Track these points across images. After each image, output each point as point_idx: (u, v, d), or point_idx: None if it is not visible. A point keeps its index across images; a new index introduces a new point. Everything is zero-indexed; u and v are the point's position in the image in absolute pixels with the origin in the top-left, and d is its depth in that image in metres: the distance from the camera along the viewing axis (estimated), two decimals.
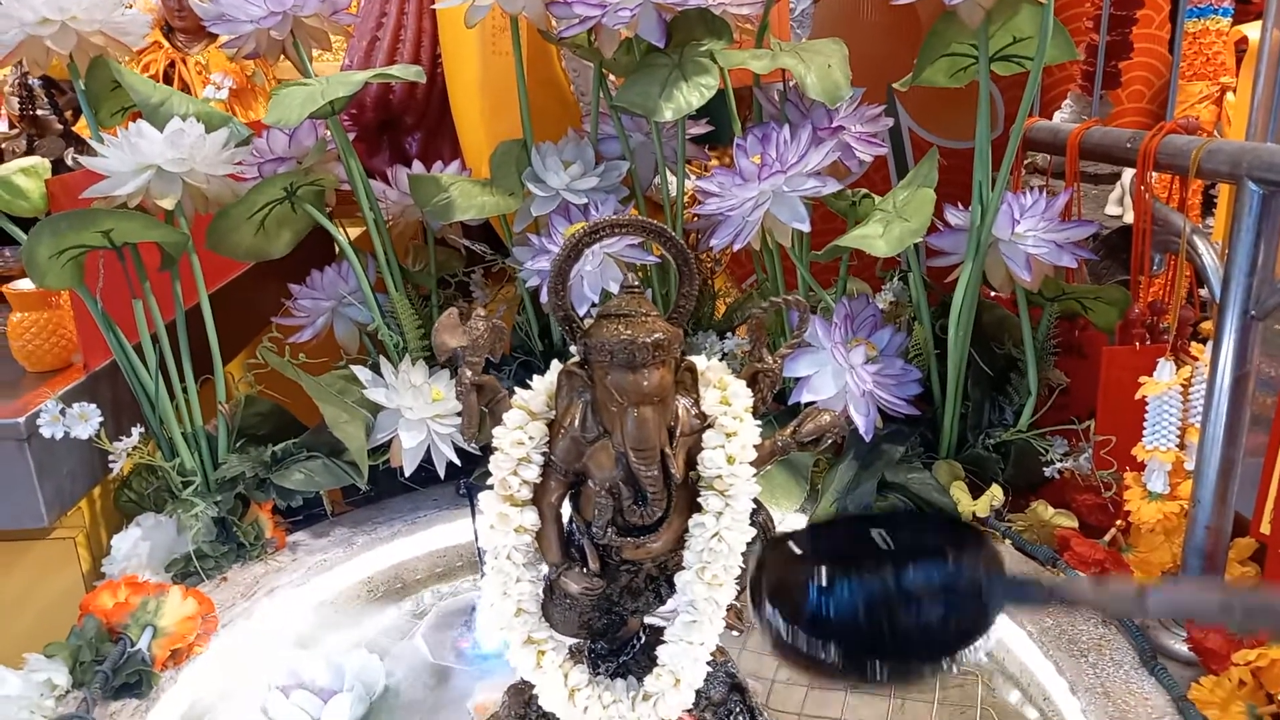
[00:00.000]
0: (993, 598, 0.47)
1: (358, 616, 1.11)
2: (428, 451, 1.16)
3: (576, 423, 0.70)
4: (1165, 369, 0.98)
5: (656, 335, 0.66)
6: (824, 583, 0.49)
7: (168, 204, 1.02)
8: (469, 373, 0.73)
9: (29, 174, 1.01)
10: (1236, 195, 0.87)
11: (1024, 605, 0.48)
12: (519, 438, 0.70)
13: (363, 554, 1.15)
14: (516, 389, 0.72)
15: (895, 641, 0.48)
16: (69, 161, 1.92)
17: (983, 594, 0.47)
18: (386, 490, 1.25)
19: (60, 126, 1.99)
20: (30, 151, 1.93)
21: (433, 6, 1.40)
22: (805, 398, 1.08)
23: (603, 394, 0.68)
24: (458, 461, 1.16)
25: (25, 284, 1.15)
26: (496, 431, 0.71)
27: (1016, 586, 0.48)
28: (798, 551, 0.52)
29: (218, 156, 1.05)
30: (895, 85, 1.10)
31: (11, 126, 2.02)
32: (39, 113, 1.98)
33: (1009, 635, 0.97)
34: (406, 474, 1.16)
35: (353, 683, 0.95)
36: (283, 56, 1.15)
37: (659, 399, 0.67)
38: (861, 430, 1.07)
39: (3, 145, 1.95)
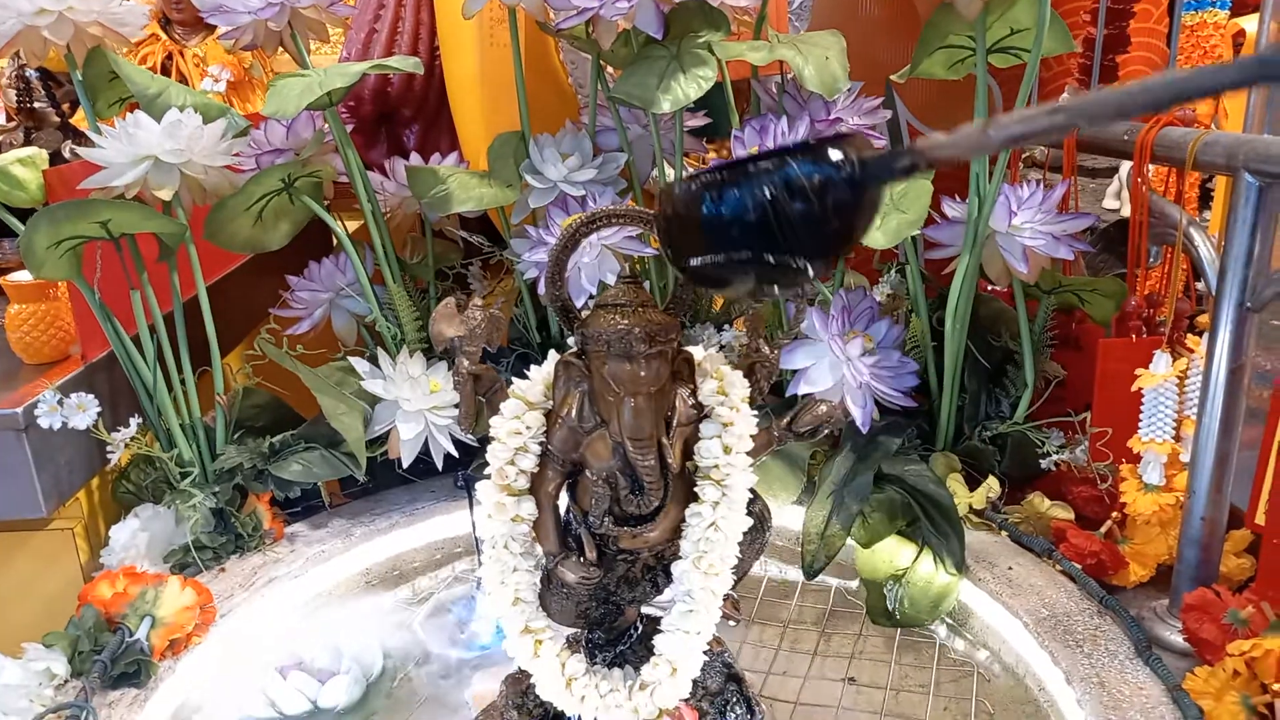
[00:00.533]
0: (866, 177, 0.48)
1: (356, 607, 1.11)
2: (425, 443, 1.16)
3: (574, 413, 0.70)
4: (1161, 361, 0.99)
5: (653, 326, 0.66)
6: (715, 194, 0.50)
7: (165, 195, 1.02)
8: (466, 362, 0.73)
9: (26, 164, 1.01)
10: (1233, 187, 0.87)
11: (894, 175, 0.49)
12: (516, 427, 0.71)
13: (361, 545, 1.15)
14: (514, 379, 0.73)
15: (787, 237, 0.49)
16: (66, 153, 1.92)
17: (856, 175, 0.48)
18: (384, 482, 1.26)
19: (57, 119, 1.99)
20: (27, 144, 1.93)
21: None
22: (802, 389, 1.08)
23: (600, 384, 0.68)
24: (455, 453, 1.16)
25: (23, 276, 1.15)
26: (494, 421, 0.72)
27: (882, 160, 0.49)
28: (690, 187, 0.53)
29: (215, 147, 1.05)
30: (893, 77, 1.10)
31: (8, 119, 2.01)
32: (36, 105, 1.98)
33: (1005, 627, 0.97)
34: (404, 465, 1.16)
35: (350, 665, 0.95)
36: (280, 49, 1.15)
37: (655, 389, 0.68)
38: (859, 422, 1.07)
39: (0, 138, 1.95)
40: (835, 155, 0.48)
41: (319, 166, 1.16)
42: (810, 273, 0.52)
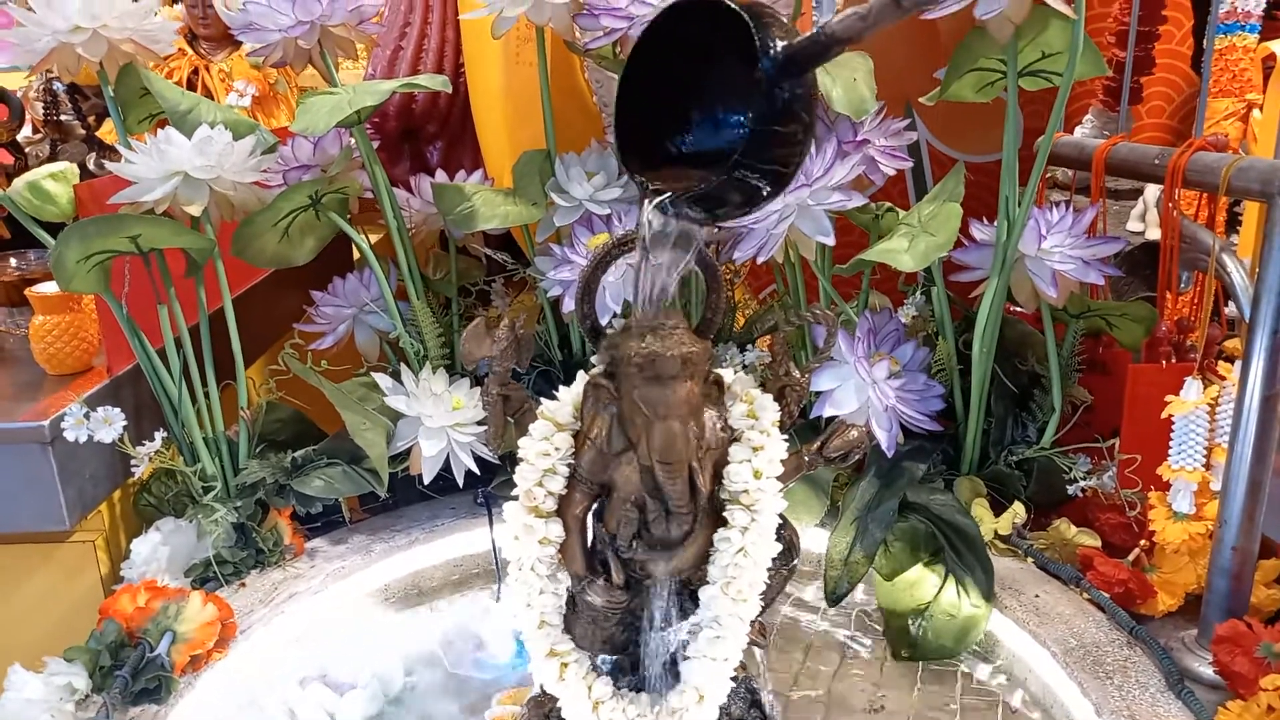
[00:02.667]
0: (791, 80, 0.50)
1: (375, 624, 1.10)
2: (446, 460, 1.16)
3: (603, 435, 0.69)
4: (1193, 387, 0.97)
5: (684, 349, 0.66)
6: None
7: (195, 210, 1.02)
8: (495, 382, 0.73)
9: (58, 179, 1.02)
10: (1267, 213, 0.86)
11: (815, 65, 0.49)
12: (545, 449, 0.70)
13: (381, 561, 1.15)
14: (543, 400, 0.72)
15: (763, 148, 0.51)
16: (91, 166, 1.94)
17: (797, 67, 0.49)
18: (404, 498, 1.25)
19: (83, 131, 2.01)
20: (54, 156, 1.95)
21: (459, 17, 1.41)
22: (827, 412, 1.07)
23: (629, 406, 0.68)
24: (477, 470, 1.16)
25: (48, 287, 1.16)
26: (522, 442, 0.71)
27: (801, 55, 0.49)
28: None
29: (244, 164, 1.06)
30: (922, 99, 1.09)
31: (35, 131, 2.04)
32: (63, 118, 2.00)
33: (1032, 656, 0.96)
34: (426, 482, 1.16)
35: (370, 679, 0.95)
36: (307, 65, 1.16)
37: (686, 412, 0.67)
38: (884, 446, 1.07)
39: (27, 149, 1.97)
40: (775, 49, 0.49)
41: (345, 183, 1.17)
42: (767, 193, 0.54)
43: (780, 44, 0.49)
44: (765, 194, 0.55)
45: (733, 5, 0.51)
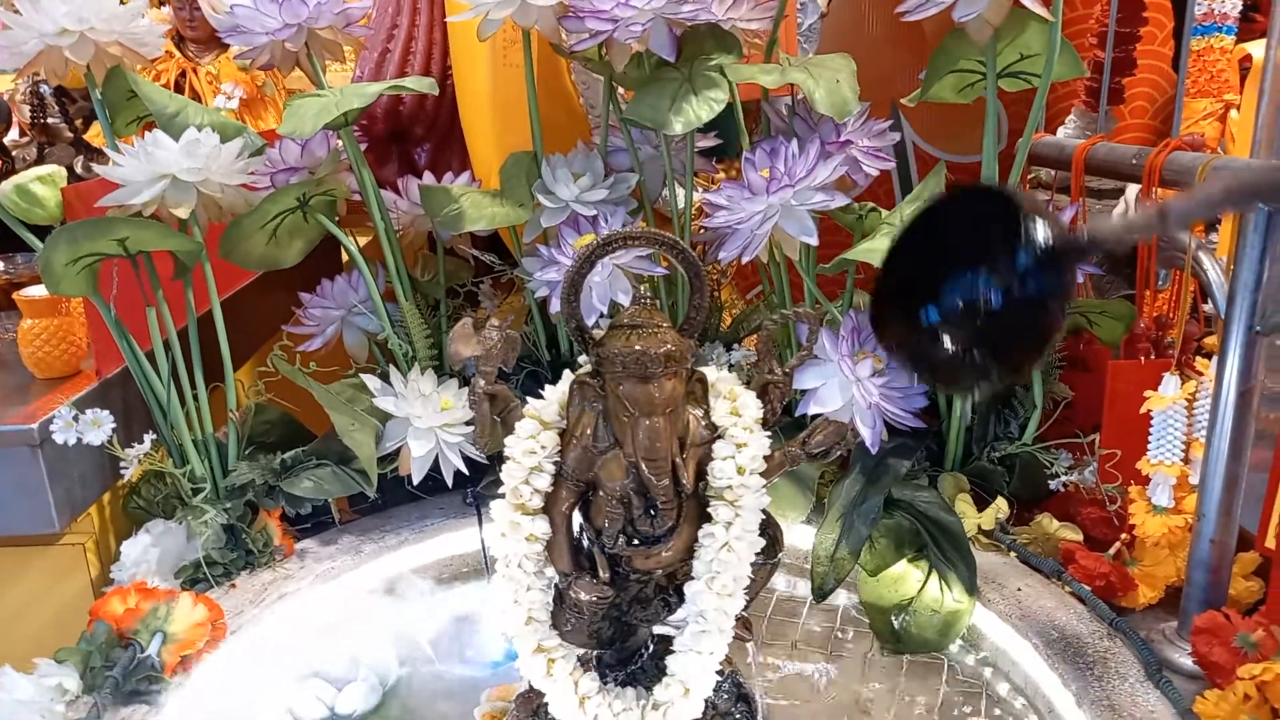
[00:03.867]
0: (1065, 262, 0.51)
1: (365, 624, 1.11)
2: (435, 460, 1.17)
3: (588, 432, 0.70)
4: (1170, 383, 0.99)
5: (668, 347, 0.67)
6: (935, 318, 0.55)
7: (182, 213, 1.03)
8: (482, 382, 0.74)
9: (45, 182, 1.02)
10: (1242, 212, 0.88)
11: (1074, 262, 0.51)
12: (531, 447, 0.71)
13: (370, 562, 1.16)
14: (529, 399, 0.73)
15: (1009, 331, 0.52)
16: (79, 170, 1.94)
17: (1056, 261, 0.50)
18: (393, 499, 1.26)
19: (71, 135, 2.00)
20: (40, 159, 1.94)
21: (446, 19, 1.42)
22: (812, 410, 1.08)
23: (614, 404, 0.69)
24: (465, 470, 1.17)
25: (35, 290, 1.16)
26: (509, 441, 0.72)
27: (1072, 248, 0.50)
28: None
29: (232, 166, 1.06)
30: (903, 101, 1.11)
31: (22, 134, 2.03)
32: (50, 121, 1.99)
33: (1014, 648, 0.97)
34: (415, 482, 1.17)
35: (367, 672, 0.97)
36: (294, 67, 1.16)
37: (670, 410, 0.68)
38: (868, 443, 1.08)
39: (14, 153, 1.97)
40: (1039, 237, 0.49)
41: (333, 185, 1.17)
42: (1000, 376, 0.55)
43: (1043, 237, 0.49)
44: (999, 377, 0.56)
45: (1010, 193, 0.52)
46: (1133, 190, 1.81)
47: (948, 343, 0.54)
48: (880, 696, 0.97)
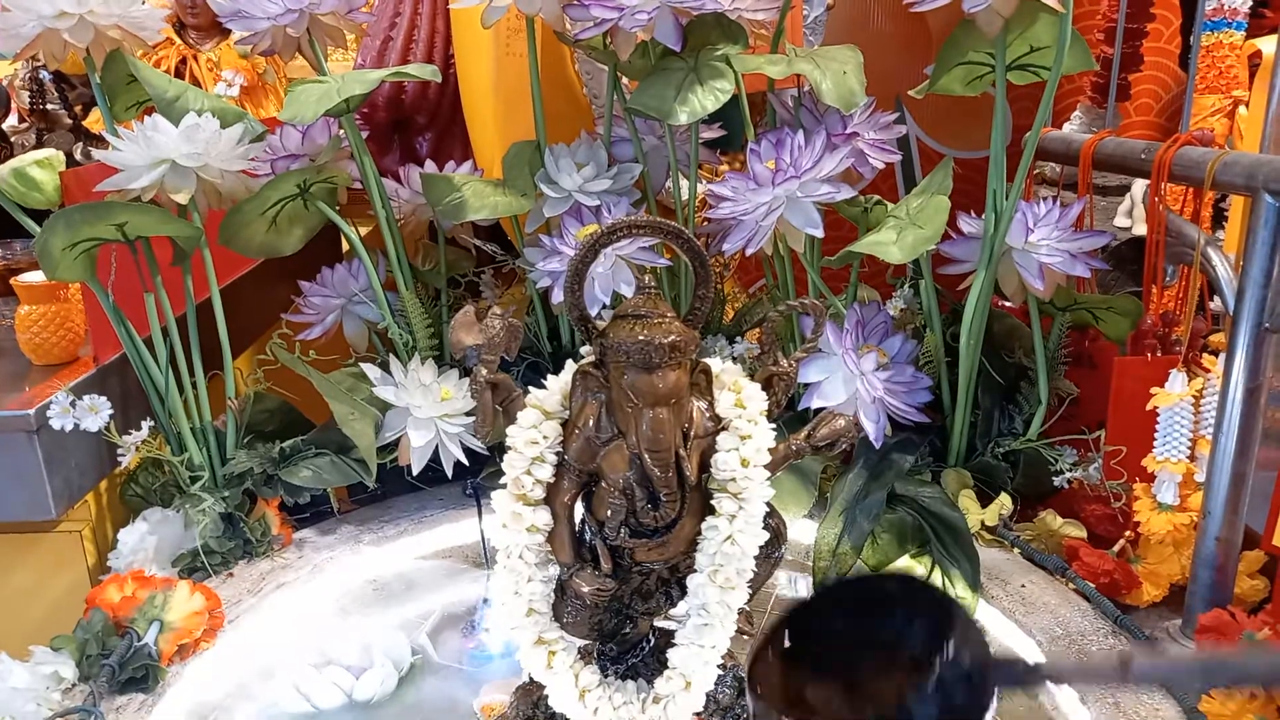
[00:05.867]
0: (986, 688, 0.47)
1: (363, 615, 1.10)
2: (435, 451, 1.16)
3: (591, 423, 0.70)
4: (1177, 380, 0.98)
5: (673, 337, 0.66)
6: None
7: (182, 198, 1.02)
8: (484, 371, 0.73)
9: (44, 166, 1.01)
10: (1252, 207, 0.87)
11: (1015, 689, 0.48)
12: (533, 437, 0.70)
13: (369, 552, 1.15)
14: (531, 388, 0.72)
15: None
16: (78, 155, 1.93)
17: (975, 685, 0.47)
18: (393, 489, 1.25)
19: (70, 121, 2.00)
20: (40, 145, 1.94)
21: (450, 7, 1.41)
22: (815, 403, 1.08)
23: (618, 394, 0.68)
24: (465, 461, 1.16)
25: (33, 276, 1.15)
26: (511, 430, 0.71)
27: (1007, 672, 0.47)
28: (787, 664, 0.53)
29: (232, 152, 1.05)
30: (911, 92, 1.10)
31: (21, 120, 2.02)
32: (49, 107, 1.99)
33: (1018, 645, 0.96)
34: (414, 472, 1.16)
35: (383, 659, 0.97)
36: (296, 54, 1.15)
37: (674, 400, 0.67)
38: (871, 437, 1.07)
39: (13, 139, 1.96)
40: (954, 666, 0.46)
41: (334, 172, 1.16)
42: None
43: (975, 658, 0.47)
44: None
45: (953, 604, 0.49)
46: (1139, 186, 1.81)
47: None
48: None
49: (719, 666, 0.74)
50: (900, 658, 0.50)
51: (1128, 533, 1.04)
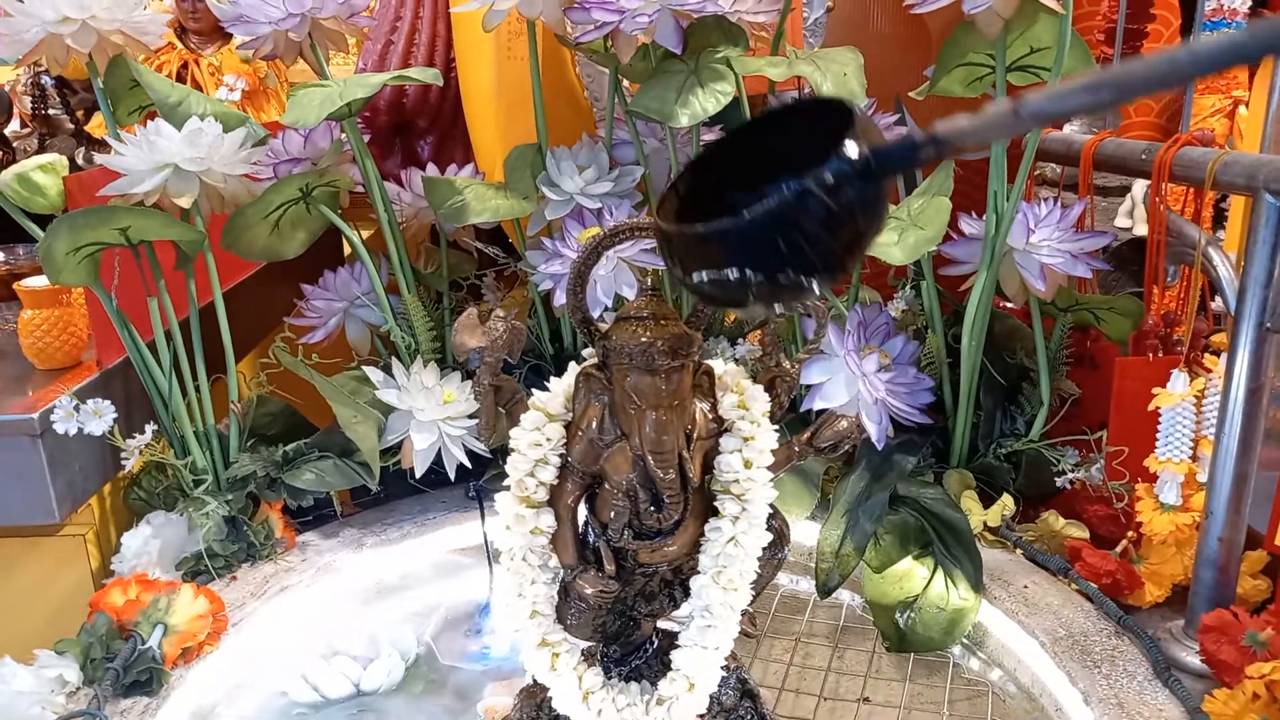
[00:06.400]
0: (882, 170, 0.46)
1: (367, 617, 1.10)
2: (437, 454, 1.16)
3: (594, 425, 0.70)
4: (1179, 380, 0.98)
5: (676, 339, 0.66)
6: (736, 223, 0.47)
7: (185, 203, 1.02)
8: (488, 373, 0.73)
9: (47, 171, 1.01)
10: (1253, 207, 0.87)
11: (913, 165, 0.47)
12: (536, 439, 0.71)
13: (372, 555, 1.15)
14: (534, 390, 0.73)
15: (799, 247, 0.47)
16: (80, 160, 1.93)
17: (870, 170, 0.45)
18: (395, 492, 1.25)
19: (71, 125, 2.00)
20: (42, 150, 1.94)
21: (450, 11, 1.41)
22: (818, 405, 1.08)
23: (621, 396, 0.68)
24: (468, 464, 1.16)
25: (36, 281, 1.15)
26: (514, 433, 0.71)
27: (899, 150, 0.46)
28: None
29: (235, 156, 1.05)
30: (911, 94, 1.10)
31: (23, 125, 2.03)
32: (51, 112, 1.99)
33: (1021, 646, 0.96)
34: (417, 475, 1.16)
35: (390, 650, 0.98)
36: (297, 59, 1.15)
37: (677, 402, 0.67)
38: (874, 438, 1.07)
39: (15, 143, 1.96)
40: (851, 152, 0.45)
41: (336, 176, 1.17)
42: (817, 288, 0.50)
43: (860, 145, 0.45)
44: (803, 288, 0.50)
45: (846, 102, 0.49)
46: (1139, 186, 1.81)
47: (750, 254, 0.48)
48: (886, 695, 0.97)
49: (722, 668, 0.74)
50: (794, 165, 0.48)
51: (1130, 533, 1.04)
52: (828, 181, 0.45)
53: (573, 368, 0.72)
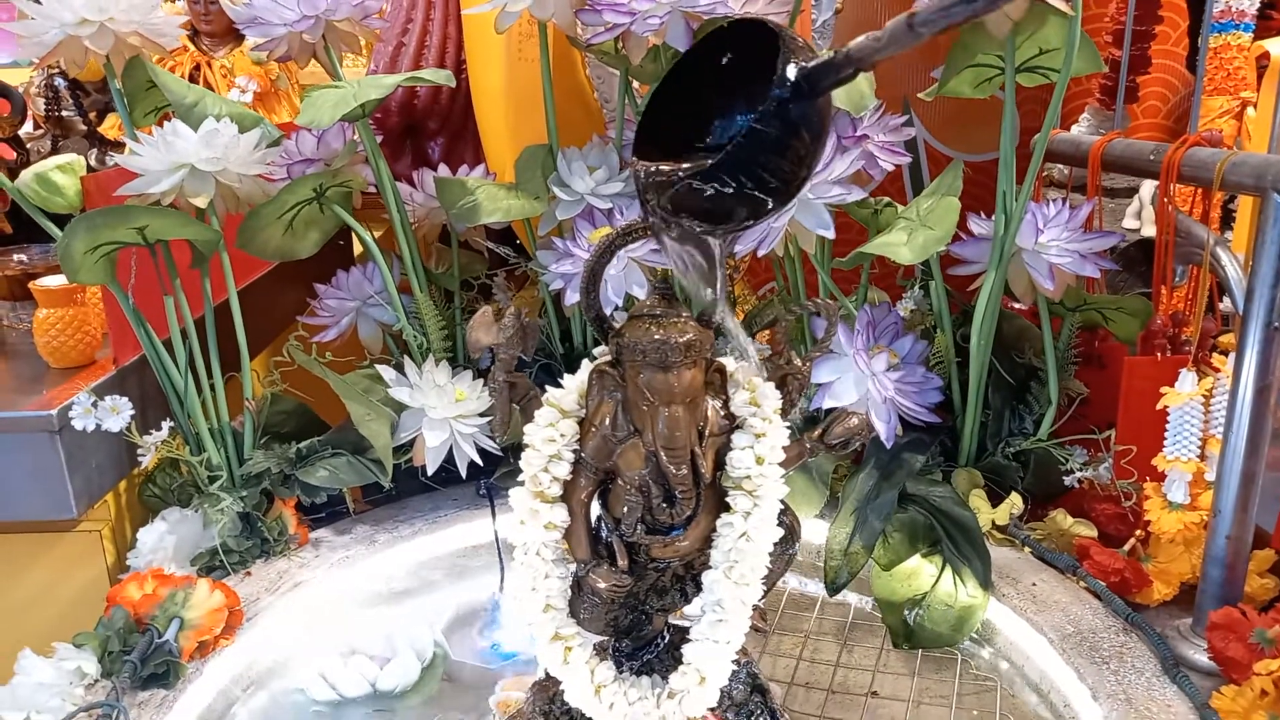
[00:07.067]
0: (815, 90, 0.51)
1: (379, 613, 1.11)
2: (449, 452, 1.17)
3: (608, 421, 0.70)
4: (1187, 380, 0.99)
5: (688, 336, 0.67)
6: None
7: (201, 202, 1.03)
8: (502, 370, 0.74)
9: (65, 171, 1.02)
10: (1261, 207, 0.87)
11: (838, 81, 0.51)
12: (550, 435, 0.71)
13: (384, 552, 1.16)
14: (548, 387, 0.73)
15: (765, 174, 0.53)
16: (92, 161, 1.95)
17: (804, 92, 0.50)
18: (406, 489, 1.26)
19: (84, 127, 2.01)
20: (55, 151, 1.96)
21: (462, 13, 1.42)
22: (827, 403, 1.09)
23: (634, 393, 0.69)
24: (480, 461, 1.17)
25: (51, 281, 1.16)
26: (528, 428, 0.72)
27: (823, 69, 0.50)
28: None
29: (250, 156, 1.07)
30: (921, 95, 1.11)
31: (37, 127, 2.04)
32: (64, 114, 2.01)
33: (1029, 643, 0.97)
34: (430, 473, 1.17)
35: (406, 649, 0.99)
36: (310, 61, 1.17)
37: (690, 399, 0.68)
38: (883, 437, 1.08)
39: (29, 145, 1.98)
40: (788, 75, 0.50)
41: (349, 177, 1.18)
42: (771, 205, 0.55)
43: (800, 62, 0.50)
44: (768, 207, 0.57)
45: (770, 24, 0.53)
46: (1147, 187, 1.81)
47: (716, 179, 0.54)
48: (894, 690, 0.97)
49: (733, 662, 0.75)
50: (738, 93, 0.55)
51: (1138, 531, 1.05)
52: (771, 111, 0.51)
53: (586, 364, 0.73)
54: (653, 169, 0.58)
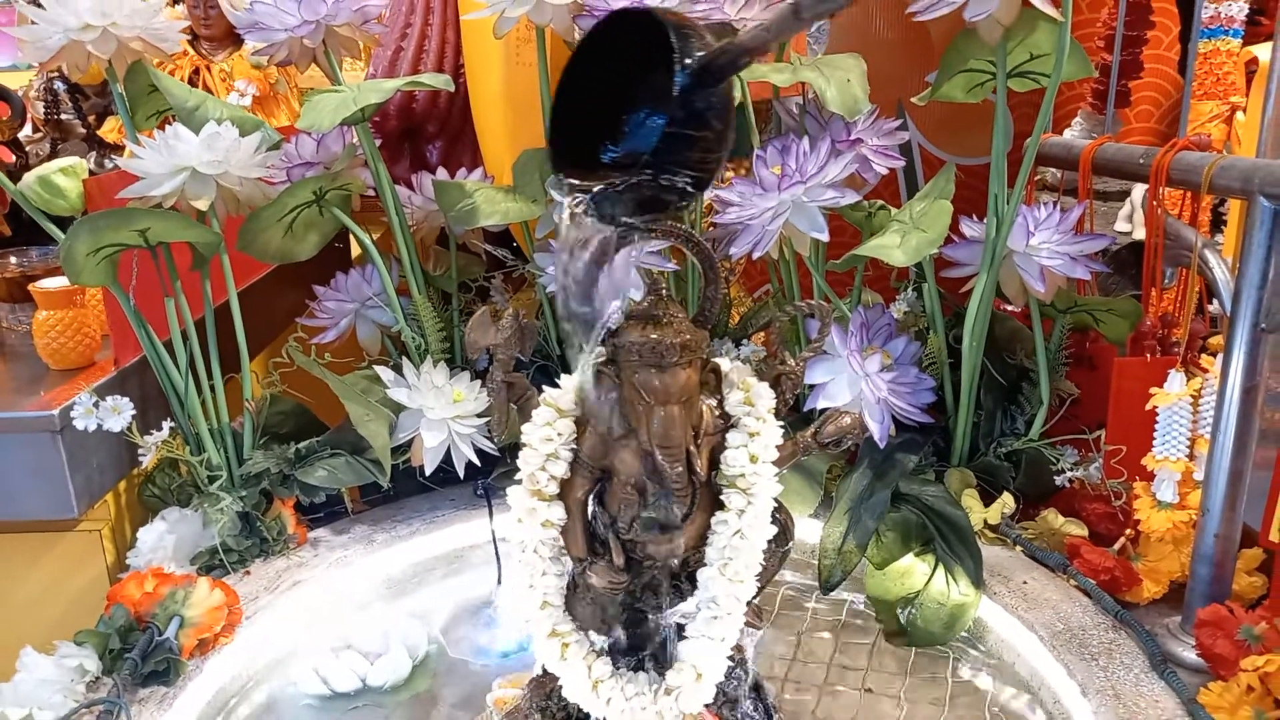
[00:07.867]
0: (711, 79, 0.52)
1: (378, 612, 1.12)
2: (447, 452, 1.18)
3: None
4: (1176, 380, 1.00)
5: (684, 337, 0.68)
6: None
7: (202, 205, 1.04)
8: (500, 370, 0.75)
9: (68, 174, 1.03)
10: (1248, 211, 0.89)
11: (734, 69, 0.53)
12: (548, 434, 0.72)
13: (382, 551, 1.17)
14: (545, 387, 0.75)
15: (681, 167, 0.55)
16: (91, 164, 1.96)
17: (704, 80, 0.52)
18: (404, 490, 1.27)
19: (83, 131, 2.02)
20: (54, 154, 1.96)
21: (460, 18, 1.43)
22: (821, 404, 1.10)
23: (630, 393, 0.70)
24: (477, 462, 1.18)
25: (51, 283, 1.17)
26: (526, 428, 0.73)
27: (718, 58, 0.52)
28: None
29: (251, 160, 1.08)
30: (914, 100, 1.12)
31: (36, 130, 2.05)
32: (63, 117, 2.02)
33: (1020, 640, 0.98)
34: (428, 473, 1.18)
35: (398, 645, 1.00)
36: (310, 65, 1.18)
37: (685, 399, 0.69)
38: (876, 437, 1.09)
39: (28, 148, 1.99)
40: (685, 66, 0.52)
41: (349, 180, 1.19)
42: (690, 191, 0.57)
43: (695, 55, 0.52)
44: (690, 193, 0.59)
45: (659, 17, 0.54)
46: (1139, 191, 1.83)
47: (632, 172, 0.56)
48: (887, 685, 0.98)
49: (728, 659, 0.76)
50: (638, 69, 0.57)
51: (1128, 530, 1.06)
52: (678, 106, 0.52)
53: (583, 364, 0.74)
54: (576, 184, 0.60)
